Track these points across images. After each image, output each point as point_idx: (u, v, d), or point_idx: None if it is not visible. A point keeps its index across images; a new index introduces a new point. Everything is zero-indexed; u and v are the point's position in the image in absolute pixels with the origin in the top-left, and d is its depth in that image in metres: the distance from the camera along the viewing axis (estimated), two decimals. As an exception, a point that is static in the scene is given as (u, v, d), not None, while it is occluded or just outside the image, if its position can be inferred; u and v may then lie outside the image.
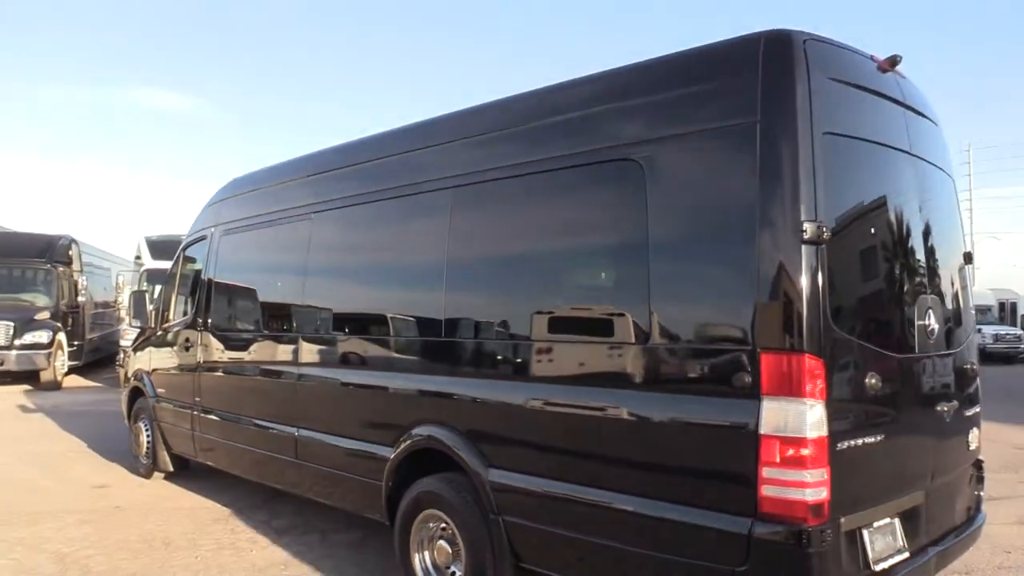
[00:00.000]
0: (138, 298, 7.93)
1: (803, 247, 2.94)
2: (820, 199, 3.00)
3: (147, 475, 7.59)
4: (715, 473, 3.10)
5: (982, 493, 4.19)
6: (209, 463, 6.77)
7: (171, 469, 7.44)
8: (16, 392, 14.49)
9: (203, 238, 6.94)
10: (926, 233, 3.67)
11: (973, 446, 3.97)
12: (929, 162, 3.85)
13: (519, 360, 3.93)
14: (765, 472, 2.93)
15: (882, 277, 3.40)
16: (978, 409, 4.07)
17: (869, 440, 3.12)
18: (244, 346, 6.11)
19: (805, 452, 2.88)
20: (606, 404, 3.48)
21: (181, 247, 7.47)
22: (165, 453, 7.39)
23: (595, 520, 3.49)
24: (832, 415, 2.95)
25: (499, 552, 3.89)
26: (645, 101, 3.55)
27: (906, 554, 3.32)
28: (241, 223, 6.39)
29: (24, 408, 12.53)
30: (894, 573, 3.23)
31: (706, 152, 3.25)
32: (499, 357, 4.02)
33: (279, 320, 5.79)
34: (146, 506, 6.63)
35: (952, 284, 4.01)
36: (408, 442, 4.41)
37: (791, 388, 2.91)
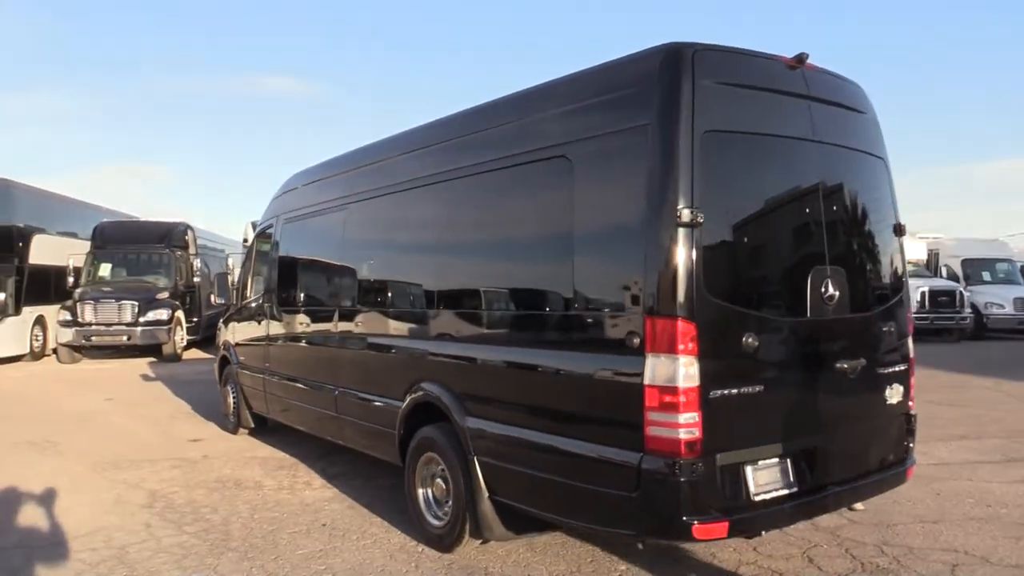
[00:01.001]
0: (221, 278, 9.16)
1: (679, 229, 3.54)
2: (698, 188, 3.58)
3: (233, 431, 8.84)
4: (618, 417, 3.76)
5: (911, 443, 4.63)
6: (279, 420, 7.90)
7: (252, 426, 8.64)
8: (142, 364, 16.44)
9: (270, 226, 8.03)
10: (831, 210, 4.13)
11: (893, 400, 4.41)
12: (844, 146, 4.30)
13: (480, 327, 4.75)
14: (649, 415, 3.58)
15: (767, 252, 3.93)
16: (902, 367, 4.50)
17: (746, 390, 3.69)
18: (298, 319, 7.15)
19: (678, 399, 3.51)
20: (540, 362, 4.22)
21: (256, 233, 8.60)
22: (247, 412, 8.60)
23: (537, 457, 4.23)
24: (704, 369, 3.56)
25: (476, 487, 4.67)
26: (576, 106, 4.21)
27: (794, 489, 3.87)
28: (296, 212, 7.43)
29: (146, 377, 14.30)
30: (777, 504, 3.81)
31: (615, 150, 3.88)
32: (468, 325, 4.84)
33: (322, 296, 6.80)
34: (227, 455, 7.83)
35: (872, 254, 4.46)
36: (411, 396, 5.26)
37: (667, 346, 3.54)
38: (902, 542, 5.15)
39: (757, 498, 3.75)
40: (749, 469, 3.75)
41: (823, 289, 3.99)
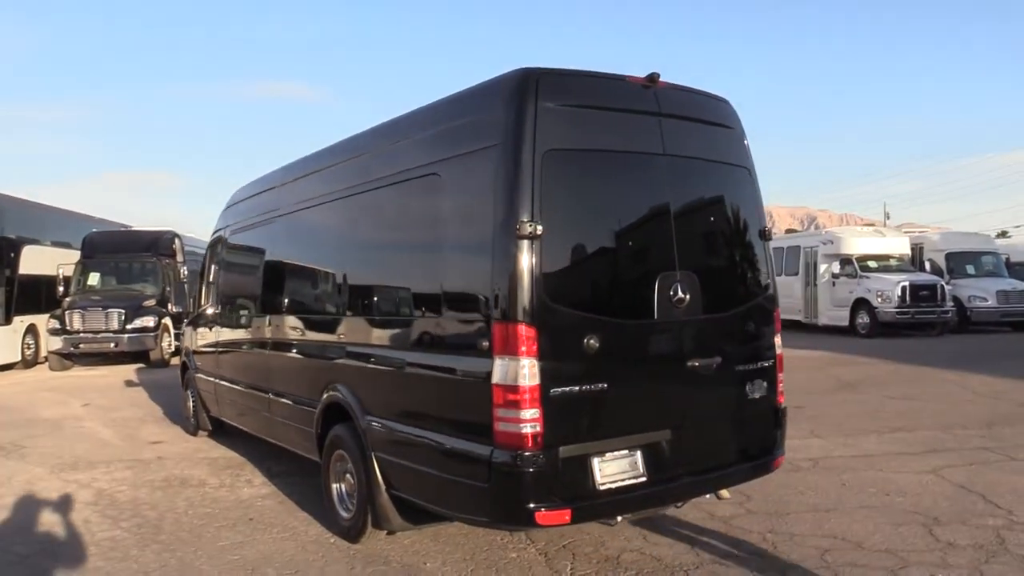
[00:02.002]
0: (178, 287, 9.55)
1: (520, 241, 3.88)
2: (539, 203, 3.91)
3: (193, 433, 9.22)
4: (474, 414, 4.09)
5: (779, 435, 4.93)
6: (228, 421, 8.28)
7: (210, 428, 9.02)
8: (129, 370, 16.87)
9: (219, 237, 8.42)
10: (683, 219, 4.45)
11: (756, 395, 4.72)
12: (701, 158, 4.61)
13: (372, 331, 5.15)
14: (497, 412, 3.92)
15: (610, 259, 4.25)
16: (767, 363, 4.81)
17: (588, 388, 4.01)
18: (236, 327, 7.54)
19: (521, 397, 3.84)
20: (417, 364, 4.57)
21: (209, 244, 8.99)
22: (204, 415, 8.98)
23: (417, 452, 4.56)
24: (545, 369, 3.88)
25: (374, 481, 5.01)
26: (447, 127, 4.56)
27: (643, 479, 4.19)
28: (237, 225, 7.84)
29: (129, 383, 14.73)
30: (625, 492, 4.13)
31: (472, 168, 4.21)
32: (363, 329, 5.22)
33: (255, 304, 7.17)
34: (181, 456, 8.21)
35: (732, 258, 4.79)
36: (324, 397, 5.62)
37: (511, 349, 3.87)
38: (787, 529, 5.46)
39: (603, 487, 4.07)
40: (596, 460, 4.07)
41: (672, 292, 4.30)
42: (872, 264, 22.37)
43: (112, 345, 16.91)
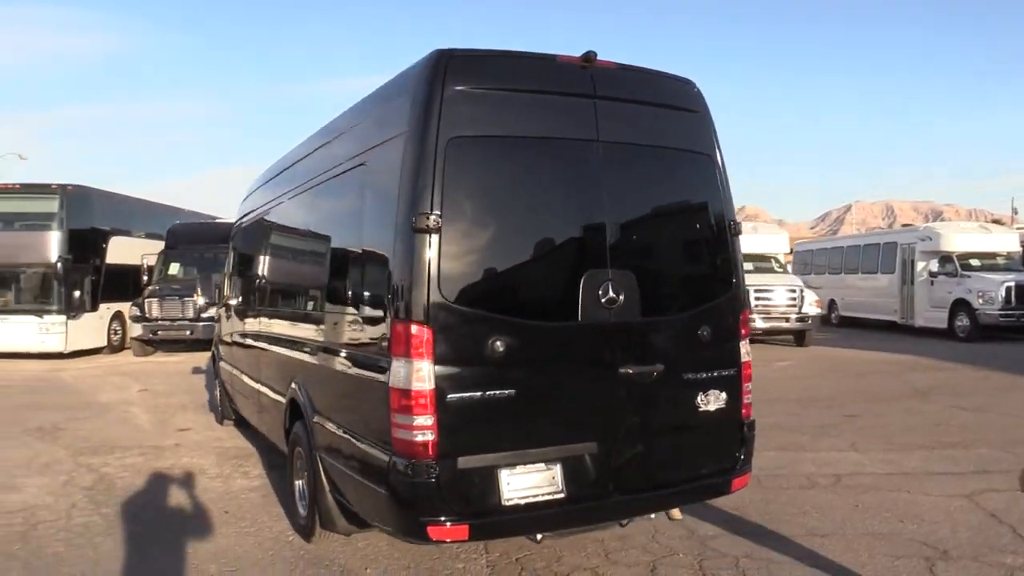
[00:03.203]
0: (205, 278, 9.76)
1: (415, 235, 3.61)
2: (441, 194, 3.62)
3: (220, 422, 9.40)
4: (380, 418, 3.87)
5: (742, 452, 4.45)
6: (240, 411, 8.38)
7: (233, 418, 9.16)
8: (205, 356, 17.54)
9: (236, 229, 8.54)
10: (620, 211, 4.05)
11: (711, 407, 4.27)
12: (649, 145, 4.20)
13: (313, 329, 5.00)
14: (393, 417, 3.68)
15: (523, 256, 3.89)
16: (727, 372, 4.34)
17: (492, 394, 3.70)
18: (238, 318, 7.60)
19: (412, 402, 3.58)
20: (343, 363, 4.40)
21: (231, 235, 9.15)
22: (228, 405, 9.13)
23: (342, 454, 4.38)
24: (441, 373, 3.60)
25: (319, 480, 4.87)
26: (375, 115, 4.33)
27: (562, 495, 3.84)
28: (246, 217, 7.88)
29: (196, 370, 15.27)
30: (538, 509, 3.80)
31: (386, 157, 3.98)
32: (312, 326, 5.07)
33: (248, 300, 7.20)
34: (197, 445, 8.36)
35: (685, 254, 4.34)
36: (287, 392, 5.53)
37: (404, 350, 3.62)
38: (767, 555, 4.96)
39: (511, 502, 3.75)
40: (504, 473, 3.76)
41: (601, 293, 3.92)
42: (975, 263, 20.65)
43: (187, 332, 17.65)
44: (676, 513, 4.52)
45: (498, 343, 3.71)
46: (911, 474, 6.89)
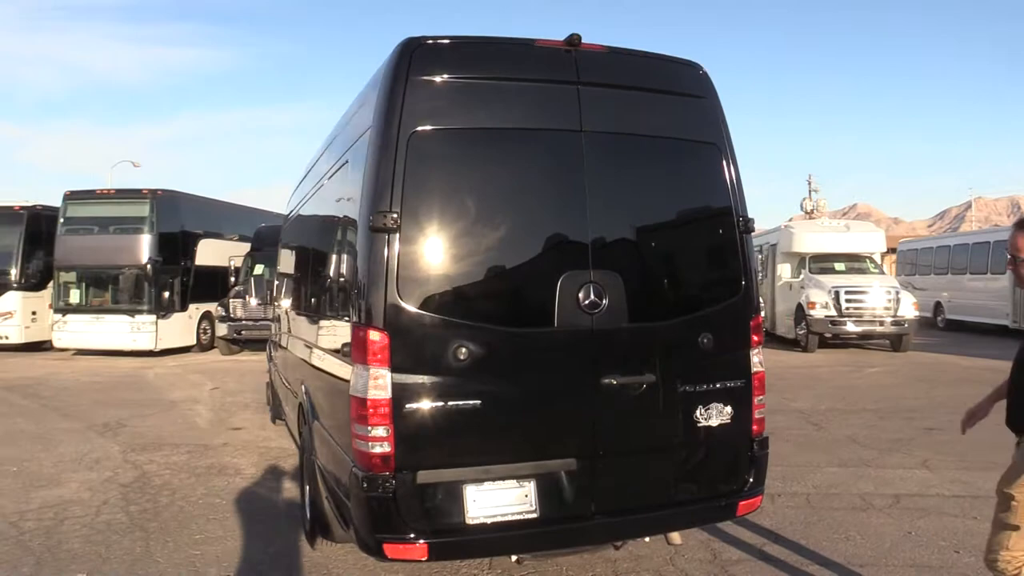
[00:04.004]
0: (257, 280, 9.90)
1: (373, 235, 3.41)
2: (399, 191, 3.41)
3: (273, 421, 9.52)
4: (347, 427, 3.69)
5: (752, 473, 4.03)
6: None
7: (283, 417, 9.25)
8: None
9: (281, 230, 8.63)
10: (605, 208, 3.72)
11: (714, 422, 3.88)
12: (642, 135, 3.86)
13: (311, 333, 4.87)
14: (353, 427, 3.49)
15: (493, 257, 3.60)
16: (734, 383, 3.94)
17: (456, 405, 3.45)
18: (276, 321, 7.64)
19: (369, 411, 3.39)
20: (325, 368, 4.25)
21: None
22: (277, 405, 9.24)
23: (328, 458, 4.24)
24: (400, 382, 3.39)
25: (317, 487, 4.76)
26: (351, 116, 4.25)
27: (534, 515, 3.55)
28: (289, 215, 7.93)
29: (271, 368, 15.70)
30: (507, 529, 3.53)
31: (360, 154, 3.80)
32: (309, 331, 4.98)
33: (279, 301, 7.21)
34: (243, 444, 8.47)
35: (682, 253, 3.98)
36: (298, 397, 5.46)
37: (362, 357, 3.43)
38: (791, 584, 4.52)
39: (476, 521, 3.50)
40: (471, 489, 3.51)
41: (582, 296, 3.61)
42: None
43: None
44: (675, 537, 4.14)
45: (462, 350, 3.46)
46: (981, 497, 6.17)
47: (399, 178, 3.42)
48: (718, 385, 3.90)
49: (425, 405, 3.44)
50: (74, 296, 18.18)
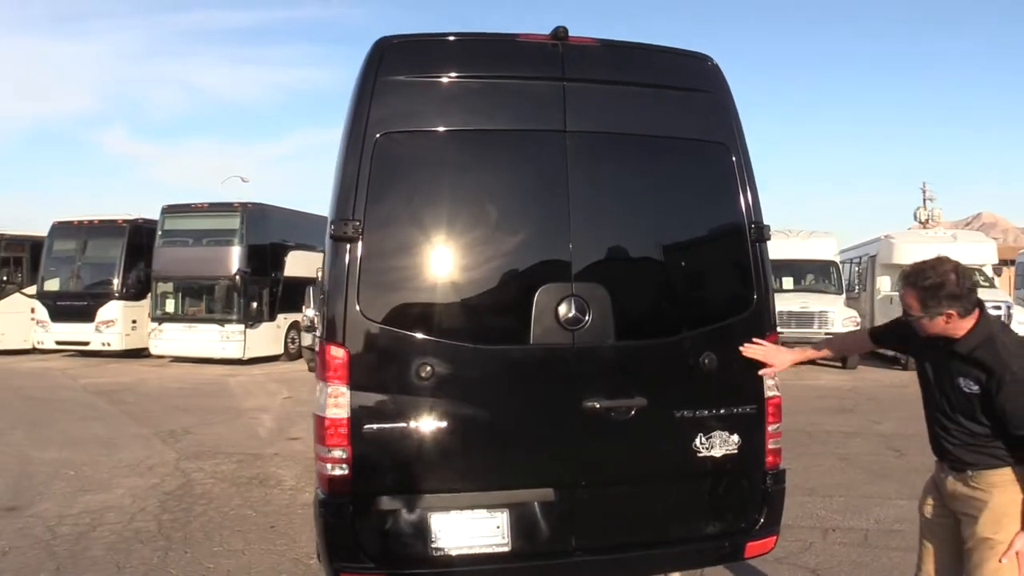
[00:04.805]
0: (313, 289, 9.97)
1: (335, 244, 3.23)
2: (363, 198, 3.22)
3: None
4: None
5: (763, 512, 3.59)
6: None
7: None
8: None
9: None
10: (592, 215, 3.40)
11: (717, 453, 3.47)
12: (635, 134, 3.53)
13: None
14: (315, 446, 3.31)
15: (465, 269, 3.32)
16: (743, 410, 3.53)
17: (418, 427, 3.21)
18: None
19: (327, 431, 3.20)
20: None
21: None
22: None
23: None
24: (359, 400, 3.18)
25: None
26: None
27: (506, 548, 3.27)
28: None
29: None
30: (475, 563, 3.26)
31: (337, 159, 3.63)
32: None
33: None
34: (294, 454, 8.50)
35: (682, 265, 3.61)
36: None
37: (322, 373, 3.25)
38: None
39: (441, 553, 3.24)
40: (436, 518, 3.26)
41: (562, 311, 3.30)
42: None
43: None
44: (676, 578, 3.75)
45: (427, 368, 3.22)
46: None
47: (363, 184, 3.23)
48: (723, 411, 3.50)
49: (386, 426, 3.22)
50: (170, 305, 19.07)
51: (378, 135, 3.26)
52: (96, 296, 19.37)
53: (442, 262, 3.33)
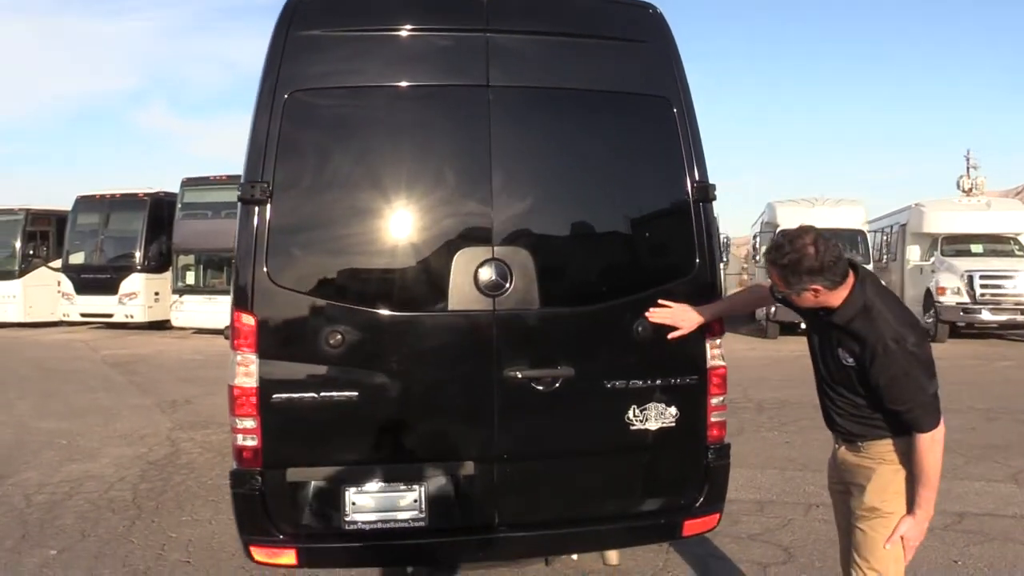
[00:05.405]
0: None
1: (244, 207, 3.11)
2: (272, 158, 3.08)
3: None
4: None
5: (704, 488, 3.39)
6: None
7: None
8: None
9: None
10: (516, 175, 3.22)
11: (647, 425, 3.28)
12: (565, 88, 3.32)
13: None
14: (229, 417, 3.22)
15: (377, 232, 3.16)
16: (683, 380, 3.34)
17: (328, 396, 3.08)
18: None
19: (236, 401, 3.10)
20: None
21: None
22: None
23: None
24: (267, 368, 3.07)
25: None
26: None
27: (423, 523, 3.15)
28: None
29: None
30: (390, 537, 3.15)
31: None
32: None
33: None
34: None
35: (617, 228, 3.41)
36: None
37: (233, 341, 3.14)
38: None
39: (354, 527, 3.13)
40: (350, 492, 3.14)
41: (481, 276, 3.13)
42: None
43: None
44: (611, 557, 3.61)
45: (337, 336, 3.08)
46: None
47: (272, 144, 3.09)
48: (659, 382, 3.31)
49: (296, 396, 3.10)
50: (190, 278, 19.25)
51: (288, 94, 3.11)
52: (119, 269, 19.62)
53: (355, 225, 3.19)
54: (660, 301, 3.25)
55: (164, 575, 4.52)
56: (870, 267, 17.82)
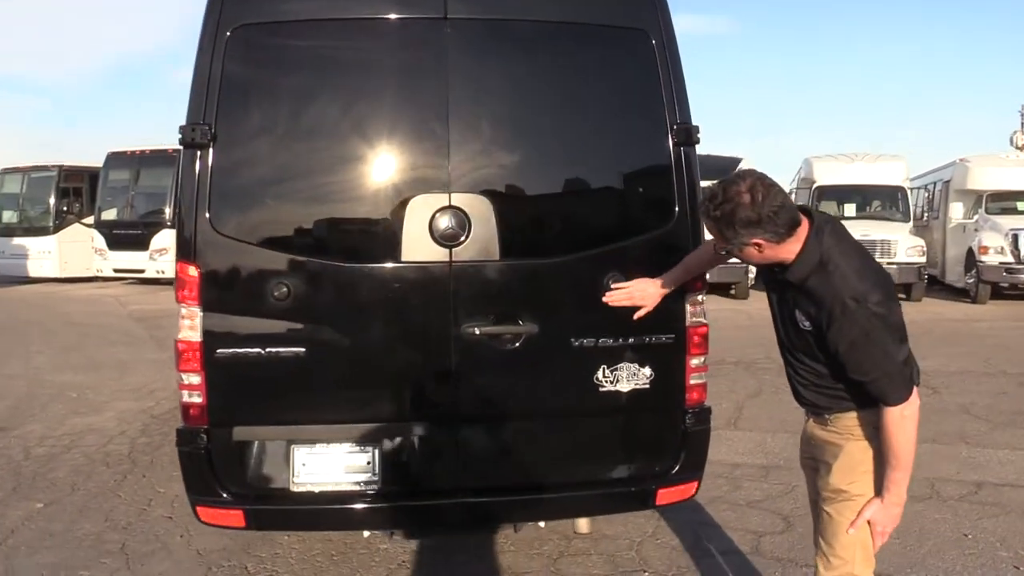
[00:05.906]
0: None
1: (185, 151, 2.92)
2: (215, 98, 2.89)
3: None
4: None
5: (680, 455, 3.18)
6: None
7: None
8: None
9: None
10: (473, 118, 2.97)
11: (618, 387, 3.06)
12: (529, 20, 3.05)
13: None
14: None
15: (328, 178, 2.96)
16: (657, 338, 3.10)
17: (273, 352, 2.92)
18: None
19: (181, 355, 2.96)
20: None
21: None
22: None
23: None
24: (211, 322, 2.92)
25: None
26: None
27: (377, 487, 2.99)
28: None
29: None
30: (343, 500, 3.01)
31: None
32: None
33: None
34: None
35: (588, 174, 3.15)
36: None
37: (176, 293, 2.99)
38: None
39: (303, 488, 2.98)
40: (300, 452, 2.99)
41: (436, 225, 2.92)
42: None
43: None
44: (582, 525, 3.42)
45: (283, 288, 2.91)
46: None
47: (215, 83, 2.89)
48: (631, 340, 3.08)
49: (240, 351, 2.94)
50: (218, 234, 19.29)
51: (231, 30, 2.90)
52: (149, 225, 19.74)
53: (303, 170, 2.99)
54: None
55: (144, 530, 4.48)
56: (909, 225, 17.14)
